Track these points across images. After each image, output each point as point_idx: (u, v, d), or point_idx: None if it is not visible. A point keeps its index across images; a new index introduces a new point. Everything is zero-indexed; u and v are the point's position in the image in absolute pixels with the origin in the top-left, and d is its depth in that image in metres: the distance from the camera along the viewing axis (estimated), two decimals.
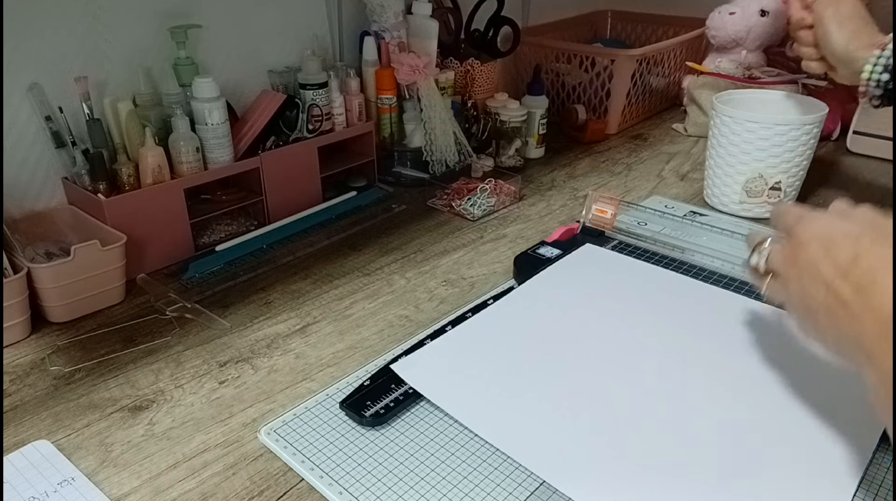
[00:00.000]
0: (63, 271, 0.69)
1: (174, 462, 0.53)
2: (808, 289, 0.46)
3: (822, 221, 0.48)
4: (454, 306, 0.73)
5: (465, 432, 0.55)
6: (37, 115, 0.76)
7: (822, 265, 0.45)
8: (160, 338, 0.69)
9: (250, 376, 0.63)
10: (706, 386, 0.58)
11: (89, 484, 0.51)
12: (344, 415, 0.57)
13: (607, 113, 1.26)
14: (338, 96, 0.96)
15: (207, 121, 0.81)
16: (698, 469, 0.50)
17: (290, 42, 0.98)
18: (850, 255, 0.43)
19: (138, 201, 0.78)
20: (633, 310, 0.69)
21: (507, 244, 0.87)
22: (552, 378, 0.59)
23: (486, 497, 0.49)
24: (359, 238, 0.89)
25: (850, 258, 0.43)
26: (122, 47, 0.82)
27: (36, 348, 0.68)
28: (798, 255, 0.47)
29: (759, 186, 0.90)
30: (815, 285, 0.45)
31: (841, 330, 0.43)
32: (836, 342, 0.45)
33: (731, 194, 0.93)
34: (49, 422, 0.57)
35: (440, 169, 1.04)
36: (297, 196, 0.93)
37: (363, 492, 0.50)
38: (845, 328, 0.43)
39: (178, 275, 0.80)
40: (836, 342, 0.45)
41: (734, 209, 0.93)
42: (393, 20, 1.00)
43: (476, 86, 1.14)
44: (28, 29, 0.74)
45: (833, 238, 0.45)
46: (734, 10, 1.25)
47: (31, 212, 0.79)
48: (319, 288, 0.77)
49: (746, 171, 0.90)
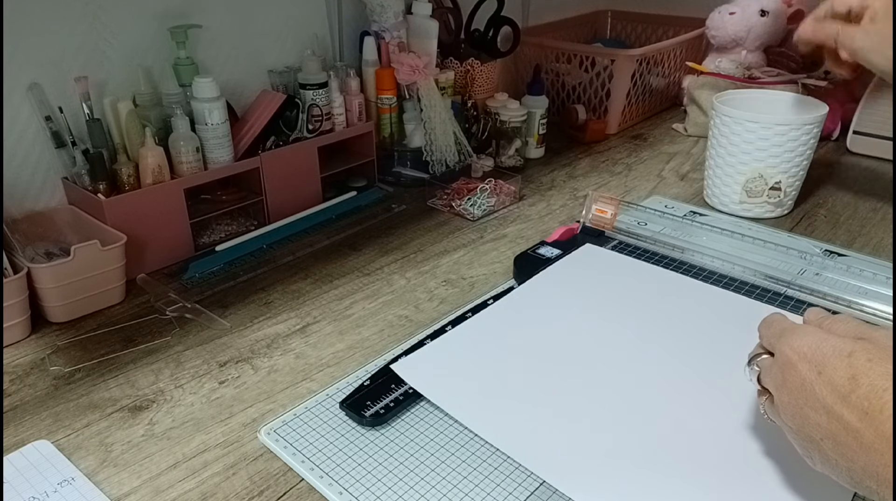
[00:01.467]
0: (63, 271, 0.69)
1: (174, 462, 0.53)
2: (808, 416, 0.42)
3: (808, 337, 0.43)
4: (454, 306, 0.73)
5: (465, 432, 0.55)
6: (37, 115, 0.76)
7: (818, 389, 0.41)
8: (160, 338, 0.69)
9: (250, 376, 0.63)
10: (706, 386, 0.58)
11: (89, 484, 0.51)
12: (344, 415, 0.57)
13: (607, 113, 1.26)
14: (338, 96, 0.96)
15: (207, 121, 0.81)
16: (698, 469, 0.50)
17: (290, 42, 0.99)
18: (847, 375, 0.40)
19: (138, 201, 0.78)
20: (633, 310, 0.69)
21: (507, 244, 0.87)
22: (553, 378, 0.59)
23: (486, 497, 0.49)
24: (359, 238, 0.89)
25: (847, 379, 0.40)
26: (122, 47, 0.82)
27: (36, 348, 0.68)
28: (787, 376, 0.43)
29: (759, 186, 0.90)
30: (814, 412, 0.41)
31: (852, 460, 0.40)
32: (848, 473, 0.41)
33: (731, 194, 0.93)
34: (49, 422, 0.57)
35: (440, 169, 1.04)
36: (297, 196, 0.93)
37: (363, 492, 0.50)
38: (857, 458, 0.39)
39: (178, 275, 0.80)
40: (849, 473, 0.40)
41: (734, 209, 0.94)
42: (393, 20, 1.00)
43: (476, 86, 1.14)
44: (28, 29, 0.74)
45: (824, 357, 0.42)
46: (734, 10, 1.25)
47: (31, 212, 0.79)
48: (319, 288, 0.77)
49: (746, 171, 0.90)
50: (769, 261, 0.75)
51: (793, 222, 0.92)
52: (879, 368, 0.39)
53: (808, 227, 0.90)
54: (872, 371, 0.39)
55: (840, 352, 0.41)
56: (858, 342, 0.42)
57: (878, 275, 0.71)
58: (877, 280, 0.71)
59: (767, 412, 0.47)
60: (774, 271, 0.74)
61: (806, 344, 0.43)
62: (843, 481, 0.42)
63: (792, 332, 0.45)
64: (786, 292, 0.72)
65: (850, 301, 0.69)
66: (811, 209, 0.95)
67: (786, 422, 0.44)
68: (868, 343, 0.41)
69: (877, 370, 0.39)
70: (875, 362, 0.40)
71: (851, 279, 0.72)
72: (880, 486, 0.39)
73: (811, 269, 0.74)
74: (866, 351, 0.41)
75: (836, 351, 0.41)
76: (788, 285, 0.73)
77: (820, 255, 0.79)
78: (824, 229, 0.89)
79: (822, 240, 0.86)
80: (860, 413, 0.39)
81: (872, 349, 0.41)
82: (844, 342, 0.42)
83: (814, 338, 0.43)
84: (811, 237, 0.87)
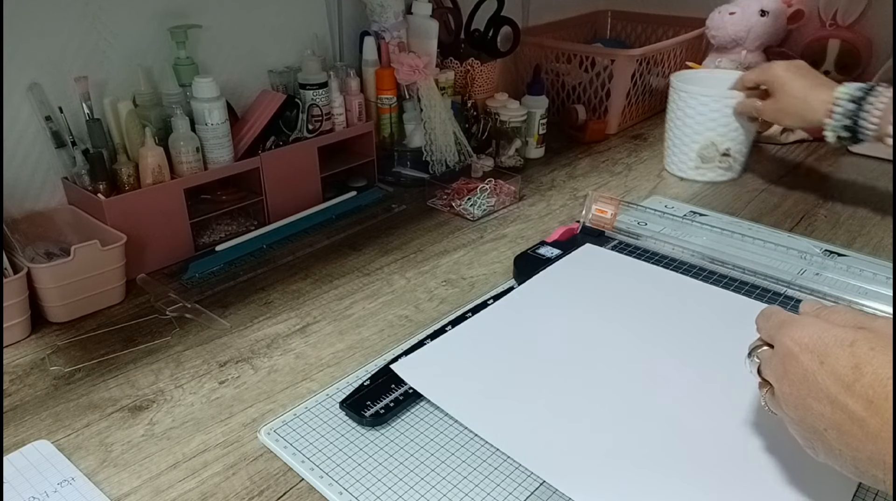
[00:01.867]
0: (63, 271, 0.69)
1: (174, 462, 0.53)
2: (811, 406, 0.41)
3: (809, 328, 0.43)
4: (454, 306, 0.73)
5: (465, 432, 0.55)
6: (37, 115, 0.76)
7: (821, 378, 0.41)
8: (160, 338, 0.69)
9: (250, 376, 0.63)
10: (706, 386, 0.58)
11: (89, 484, 0.51)
12: (344, 415, 0.57)
13: (607, 113, 1.26)
14: (338, 96, 0.96)
15: (207, 121, 0.81)
16: (698, 469, 0.50)
17: (290, 42, 0.98)
18: (850, 364, 0.40)
19: (138, 201, 0.78)
20: (633, 310, 0.69)
21: (507, 244, 0.87)
22: (552, 378, 0.59)
23: (486, 497, 0.49)
24: (359, 238, 0.89)
25: (851, 368, 0.40)
26: (122, 47, 0.82)
27: (36, 348, 0.68)
28: (789, 367, 0.43)
29: (711, 153, 1.02)
30: (817, 402, 0.41)
31: (857, 450, 0.39)
32: (852, 462, 0.40)
33: (687, 161, 1.05)
34: (49, 422, 0.57)
35: (440, 169, 1.04)
36: (297, 196, 0.93)
37: (363, 492, 0.50)
38: (862, 447, 0.39)
39: (178, 275, 0.80)
40: (853, 462, 0.40)
41: (691, 175, 1.06)
42: (393, 20, 1.00)
43: (476, 86, 1.14)
44: (28, 29, 0.74)
45: (826, 347, 0.41)
46: (734, 10, 1.25)
47: (31, 212, 0.79)
48: (319, 288, 0.77)
49: (700, 139, 1.02)
50: (769, 261, 0.75)
51: (793, 221, 0.92)
52: (882, 356, 0.39)
53: (808, 227, 0.90)
54: (876, 360, 0.39)
55: (842, 341, 0.41)
56: (859, 331, 0.41)
57: (878, 275, 0.71)
58: (877, 280, 0.71)
59: (768, 404, 0.47)
60: (774, 271, 0.74)
61: (807, 335, 0.43)
62: (847, 471, 0.41)
63: (791, 323, 0.45)
64: (786, 292, 0.72)
65: (851, 301, 0.69)
66: (811, 209, 0.95)
67: (787, 413, 0.44)
68: (869, 333, 0.41)
69: (880, 359, 0.39)
70: (878, 350, 0.40)
71: (851, 279, 0.72)
72: (886, 475, 0.38)
73: (811, 269, 0.74)
74: (868, 340, 0.40)
75: (838, 341, 0.41)
76: (788, 285, 0.73)
77: (820, 255, 0.79)
78: (824, 229, 0.89)
79: (822, 240, 0.86)
80: (865, 402, 0.39)
81: (874, 338, 0.41)
82: (846, 332, 0.42)
83: (815, 328, 0.43)
84: (811, 237, 0.87)
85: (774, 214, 0.94)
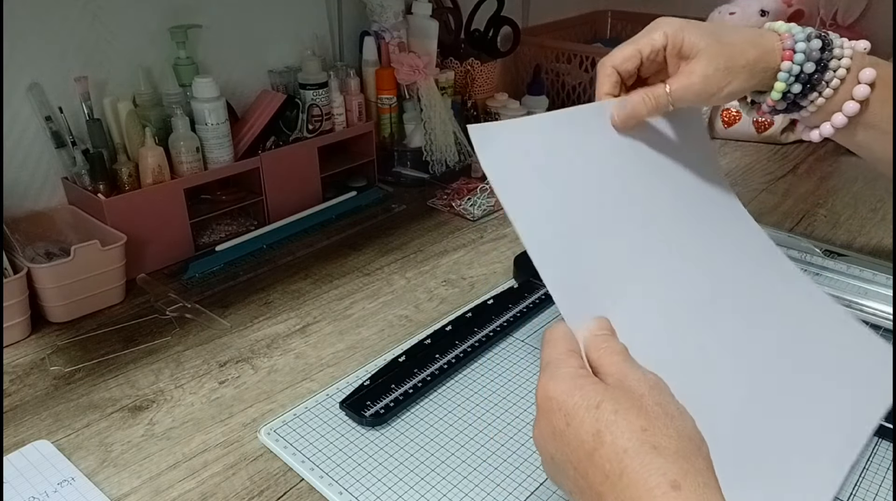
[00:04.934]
0: (63, 271, 0.69)
1: (174, 462, 0.53)
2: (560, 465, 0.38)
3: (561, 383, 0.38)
4: (454, 306, 0.73)
5: (465, 432, 0.55)
6: (37, 115, 0.76)
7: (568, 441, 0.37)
8: (160, 338, 0.69)
9: (250, 376, 0.63)
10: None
11: (89, 484, 0.51)
12: (344, 415, 0.57)
13: None
14: (338, 96, 0.96)
15: (207, 121, 0.81)
16: None
17: (290, 42, 0.98)
18: (592, 431, 0.36)
19: (138, 201, 0.78)
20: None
21: (507, 244, 0.87)
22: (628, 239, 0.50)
23: (486, 497, 0.49)
24: (359, 238, 0.89)
25: (592, 435, 0.36)
26: (122, 47, 0.82)
27: (36, 348, 0.68)
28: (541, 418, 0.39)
29: None
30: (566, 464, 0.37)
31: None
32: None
33: None
34: (49, 422, 0.57)
35: (440, 169, 1.04)
36: (296, 196, 0.93)
37: (363, 492, 0.50)
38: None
39: (178, 275, 0.80)
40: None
41: None
42: (393, 20, 1.00)
43: (476, 86, 1.14)
44: (28, 29, 0.74)
45: (574, 408, 0.37)
46: (734, 11, 1.25)
47: (31, 212, 0.79)
48: (319, 288, 0.77)
49: None
50: None
51: (793, 222, 0.92)
52: (624, 422, 0.35)
53: (808, 227, 0.90)
54: (616, 426, 0.35)
55: (589, 403, 0.37)
56: (609, 390, 0.37)
57: (878, 275, 0.71)
58: (877, 280, 0.71)
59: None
60: None
61: (559, 390, 0.38)
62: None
63: (552, 369, 0.40)
64: None
65: (851, 301, 0.69)
66: (811, 209, 0.95)
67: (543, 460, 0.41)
68: (619, 391, 0.37)
69: (621, 426, 0.35)
70: (620, 414, 0.36)
71: (851, 279, 0.72)
72: None
73: (811, 269, 0.74)
74: (614, 401, 0.36)
75: (586, 402, 0.37)
76: None
77: (820, 255, 0.79)
78: (824, 229, 0.89)
79: (822, 240, 0.86)
80: (602, 476, 0.35)
81: (622, 397, 0.37)
82: (596, 390, 0.37)
83: (566, 385, 0.38)
84: (811, 237, 0.87)
85: (774, 214, 0.94)
